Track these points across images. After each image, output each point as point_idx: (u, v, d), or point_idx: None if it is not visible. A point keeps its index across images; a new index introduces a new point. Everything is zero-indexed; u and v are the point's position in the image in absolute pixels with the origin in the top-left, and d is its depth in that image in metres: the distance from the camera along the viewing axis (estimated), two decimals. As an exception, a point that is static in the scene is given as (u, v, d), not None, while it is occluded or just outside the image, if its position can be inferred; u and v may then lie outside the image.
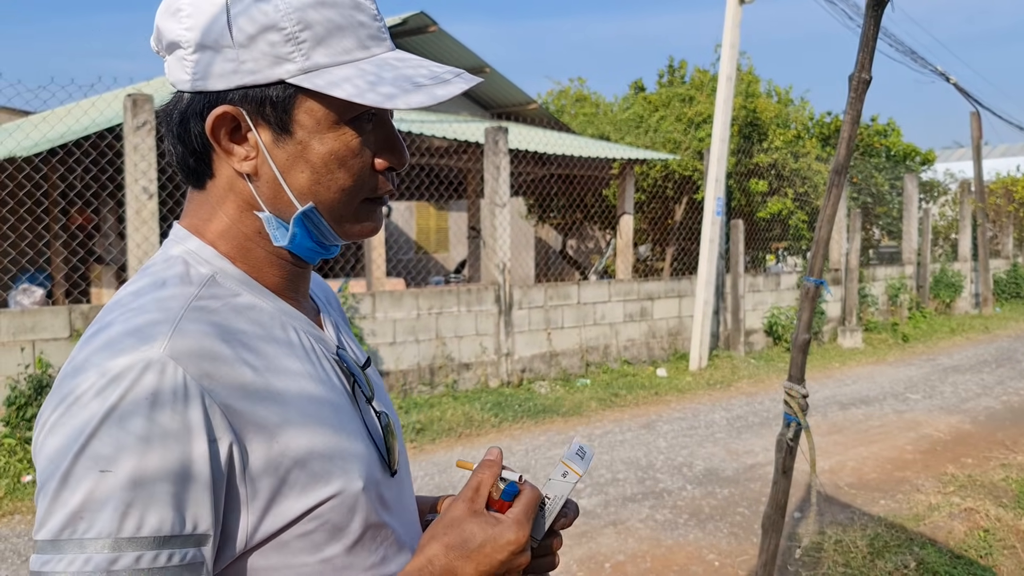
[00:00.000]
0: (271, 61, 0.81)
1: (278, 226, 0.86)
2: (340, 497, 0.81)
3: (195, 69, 0.83)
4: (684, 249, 13.02)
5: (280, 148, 0.83)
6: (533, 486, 0.88)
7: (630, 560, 4.09)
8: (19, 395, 5.62)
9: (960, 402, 7.79)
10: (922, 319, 13.45)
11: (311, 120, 0.83)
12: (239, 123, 0.83)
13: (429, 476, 5.50)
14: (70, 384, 0.73)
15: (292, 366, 0.84)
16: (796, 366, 2.96)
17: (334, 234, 0.88)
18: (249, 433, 0.76)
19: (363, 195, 0.87)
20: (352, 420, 0.87)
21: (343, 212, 0.87)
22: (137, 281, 0.84)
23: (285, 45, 0.80)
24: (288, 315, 0.88)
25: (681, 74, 14.88)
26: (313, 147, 0.83)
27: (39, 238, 8.65)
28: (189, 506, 0.72)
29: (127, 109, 6.22)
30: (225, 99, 0.82)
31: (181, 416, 0.72)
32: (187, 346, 0.75)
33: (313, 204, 0.85)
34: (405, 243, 17.27)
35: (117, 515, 0.69)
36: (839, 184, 2.79)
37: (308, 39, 0.80)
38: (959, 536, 4.33)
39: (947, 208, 19.02)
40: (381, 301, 7.69)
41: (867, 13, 2.64)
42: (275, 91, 0.82)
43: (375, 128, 0.87)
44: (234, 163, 0.85)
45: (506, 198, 8.54)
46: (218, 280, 0.85)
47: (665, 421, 7.12)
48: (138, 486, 0.69)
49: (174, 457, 0.71)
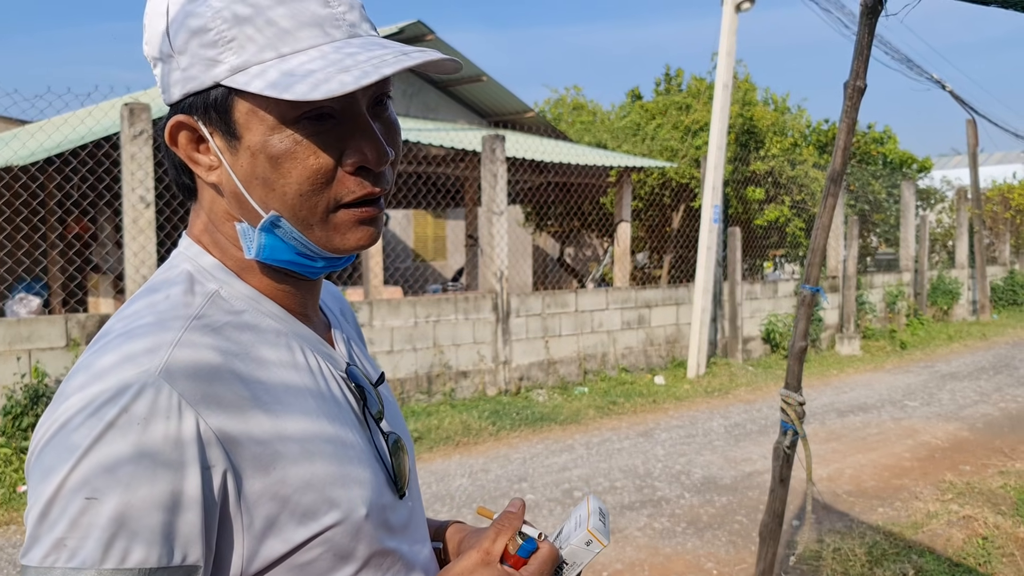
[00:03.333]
0: (205, 64, 0.78)
1: (251, 237, 0.83)
2: (342, 526, 0.78)
3: (159, 82, 0.83)
4: (681, 257, 13.03)
5: (235, 155, 0.80)
6: (552, 545, 0.85)
7: (628, 569, 4.08)
8: (15, 405, 5.61)
9: (958, 409, 7.79)
10: (920, 326, 13.45)
11: (253, 122, 0.78)
12: (199, 133, 0.81)
13: (427, 485, 5.48)
14: (64, 405, 0.71)
15: (295, 388, 0.81)
16: (793, 373, 2.95)
17: (314, 245, 0.82)
18: (245, 460, 0.74)
19: (326, 201, 0.80)
20: (358, 443, 0.85)
21: (307, 220, 0.80)
22: (142, 297, 0.82)
23: (215, 46, 0.77)
24: (295, 333, 0.86)
25: (678, 82, 14.92)
26: (261, 151, 0.78)
27: (36, 247, 8.64)
28: (179, 536, 0.69)
29: (124, 118, 6.22)
30: (179, 108, 0.81)
31: (174, 442, 0.70)
32: (183, 368, 0.73)
33: (276, 213, 0.80)
34: (403, 251, 17.27)
35: (101, 545, 0.66)
36: (835, 191, 2.80)
37: (237, 37, 0.77)
38: (957, 544, 4.32)
39: (944, 215, 19.05)
40: (379, 309, 7.68)
41: (861, 21, 2.65)
42: (214, 95, 0.79)
43: (338, 125, 0.80)
44: (201, 173, 0.83)
45: (503, 206, 8.54)
46: (223, 296, 0.83)
47: (663, 429, 7.11)
48: (125, 516, 0.67)
49: (164, 485, 0.69)
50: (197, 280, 0.83)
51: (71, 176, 8.02)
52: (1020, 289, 17.57)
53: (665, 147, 12.98)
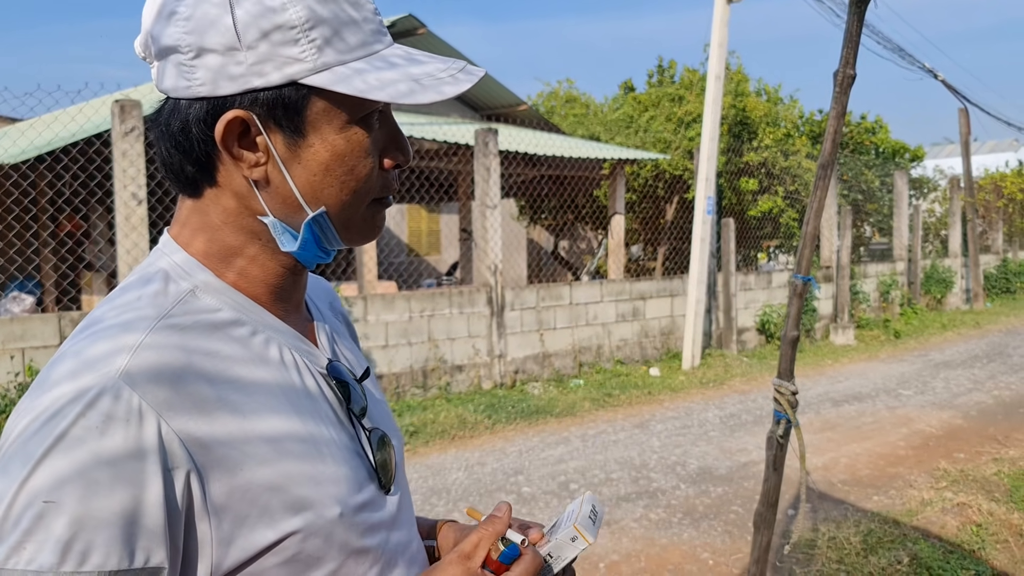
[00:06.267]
0: (281, 61, 0.78)
1: (284, 231, 0.84)
2: (314, 526, 0.78)
3: (197, 74, 0.79)
4: (675, 248, 13.03)
5: (292, 152, 0.81)
6: (536, 552, 0.84)
7: (624, 560, 4.09)
8: (9, 403, 5.60)
9: (952, 397, 7.82)
10: (913, 315, 13.49)
11: (323, 121, 0.80)
12: (248, 128, 0.80)
13: (423, 479, 5.48)
14: (27, 405, 0.71)
15: (266, 386, 0.81)
16: (785, 362, 2.96)
17: (339, 239, 0.86)
18: (211, 462, 0.74)
19: (373, 195, 0.85)
20: (334, 440, 0.84)
21: (351, 215, 0.85)
22: (116, 297, 0.82)
23: (295, 44, 0.77)
24: (273, 329, 0.85)
25: (670, 74, 14.90)
26: (326, 149, 0.81)
27: (28, 245, 8.62)
28: (140, 539, 0.69)
29: (115, 115, 6.20)
30: (234, 104, 0.79)
31: (134, 445, 0.69)
32: (146, 370, 0.72)
33: (324, 209, 0.83)
34: (397, 246, 17.25)
35: (59, 548, 0.66)
36: (826, 179, 2.80)
37: (317, 37, 0.78)
38: (952, 531, 4.34)
39: (937, 204, 19.10)
40: (373, 304, 7.67)
41: (851, 9, 2.65)
42: (287, 93, 0.79)
43: (381, 126, 0.85)
44: (243, 170, 0.81)
45: (497, 200, 8.53)
46: (198, 295, 0.82)
47: (658, 420, 7.12)
48: (83, 519, 0.67)
49: (125, 488, 0.68)
50: (172, 278, 0.83)
51: (62, 174, 7.99)
52: (1013, 277, 17.63)
53: (658, 139, 12.98)
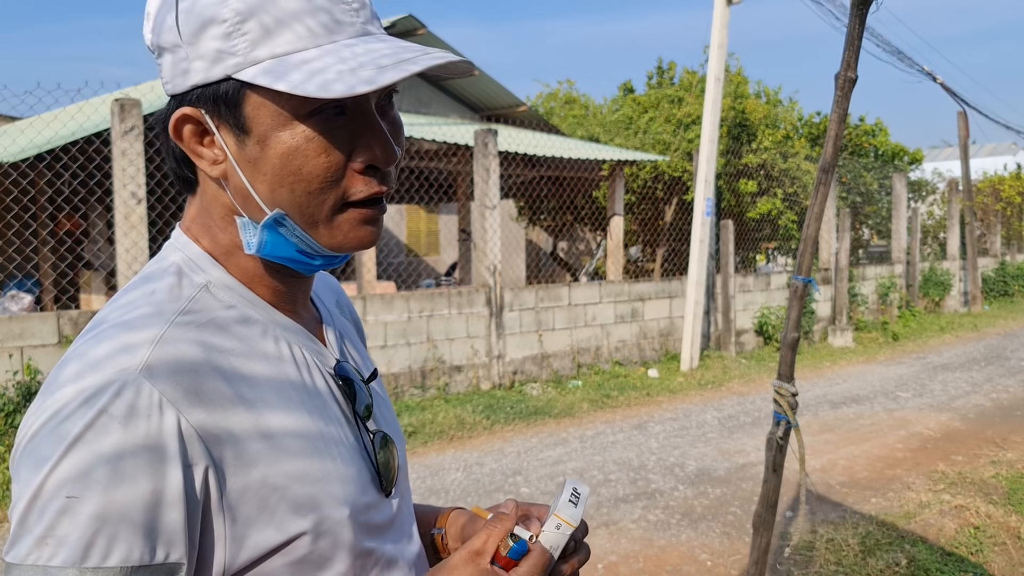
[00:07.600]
0: (215, 56, 0.76)
1: (252, 232, 0.82)
2: (324, 525, 0.78)
3: (163, 72, 0.81)
4: (674, 250, 13.04)
5: (243, 150, 0.79)
6: (545, 548, 0.84)
7: (623, 561, 4.09)
8: (7, 402, 5.59)
9: (950, 400, 7.82)
10: (912, 318, 13.51)
11: (265, 117, 0.77)
12: (204, 126, 0.80)
13: (421, 479, 5.49)
14: (47, 401, 0.71)
15: (278, 384, 0.80)
16: (785, 364, 2.96)
17: (316, 243, 0.81)
18: (227, 457, 0.74)
19: (334, 199, 0.79)
20: (343, 439, 0.84)
21: (313, 217, 0.80)
22: (131, 290, 0.82)
23: (228, 38, 0.75)
24: (282, 327, 0.85)
25: (670, 75, 14.91)
26: (271, 146, 0.77)
27: (27, 244, 8.61)
28: (160, 534, 0.69)
29: (115, 114, 6.20)
30: (186, 100, 0.79)
31: (155, 440, 0.69)
32: (165, 366, 0.72)
33: (281, 210, 0.79)
34: (395, 246, 17.25)
35: (82, 544, 0.66)
36: (826, 182, 2.80)
37: (252, 30, 0.75)
38: (950, 533, 4.35)
39: (935, 207, 19.12)
40: (372, 304, 7.67)
41: (852, 12, 2.66)
42: (224, 88, 0.77)
43: (349, 122, 0.79)
44: (204, 167, 0.81)
45: (496, 200, 8.54)
46: (211, 290, 0.82)
47: (657, 422, 7.13)
48: (105, 515, 0.67)
49: (145, 484, 0.68)
50: (186, 273, 0.83)
51: (62, 172, 7.98)
52: (1011, 280, 17.65)
53: (657, 140, 12.98)
